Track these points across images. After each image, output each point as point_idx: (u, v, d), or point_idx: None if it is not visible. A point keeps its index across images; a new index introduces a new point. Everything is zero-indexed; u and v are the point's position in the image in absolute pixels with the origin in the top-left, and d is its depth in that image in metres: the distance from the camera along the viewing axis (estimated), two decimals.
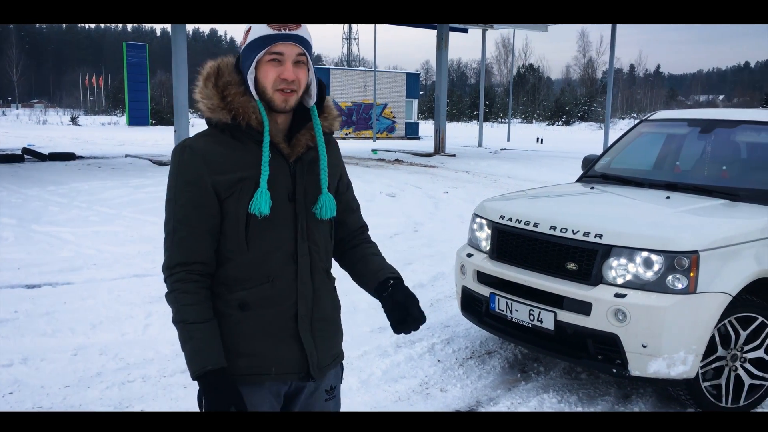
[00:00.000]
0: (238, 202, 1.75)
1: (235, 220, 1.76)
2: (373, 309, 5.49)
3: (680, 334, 3.41)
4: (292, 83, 1.75)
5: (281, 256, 1.79)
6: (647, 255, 3.50)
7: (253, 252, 1.77)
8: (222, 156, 1.75)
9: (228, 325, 1.78)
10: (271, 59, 1.74)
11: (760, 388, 3.75)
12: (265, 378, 1.80)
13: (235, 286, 1.78)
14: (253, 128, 1.76)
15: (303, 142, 1.83)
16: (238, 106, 1.75)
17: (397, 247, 8.00)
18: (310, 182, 1.85)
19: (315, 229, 1.85)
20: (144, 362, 4.15)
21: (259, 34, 1.74)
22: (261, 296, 1.78)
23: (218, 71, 1.82)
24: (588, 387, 4.07)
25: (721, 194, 4.19)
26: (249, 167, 1.75)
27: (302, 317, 1.82)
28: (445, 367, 4.30)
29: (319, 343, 1.87)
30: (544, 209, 4.18)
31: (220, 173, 1.74)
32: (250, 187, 1.74)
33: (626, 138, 5.32)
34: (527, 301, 3.85)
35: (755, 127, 4.65)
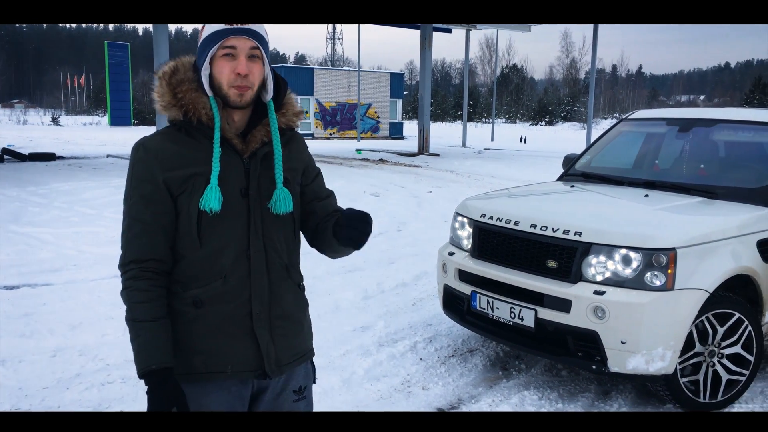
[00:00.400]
0: (190, 199, 1.75)
1: (187, 217, 1.75)
2: (355, 308, 5.50)
3: (658, 331, 3.44)
4: (246, 78, 1.75)
5: (233, 253, 1.78)
6: (626, 252, 3.53)
7: (205, 249, 1.76)
8: (174, 153, 1.76)
9: (183, 322, 1.77)
10: (224, 54, 1.74)
11: (737, 383, 3.79)
12: (221, 376, 1.79)
13: (189, 284, 1.77)
14: (204, 124, 1.76)
15: (258, 137, 1.83)
16: (189, 102, 1.76)
17: (381, 246, 8.00)
18: (265, 177, 1.83)
19: (271, 225, 1.83)
20: (124, 363, 4.12)
21: (212, 30, 1.76)
22: (214, 293, 1.77)
23: (174, 70, 1.82)
24: (568, 384, 4.09)
25: (699, 192, 4.24)
26: (201, 164, 1.75)
27: (257, 314, 1.80)
28: (427, 366, 4.31)
29: (278, 341, 1.85)
30: (524, 207, 4.20)
31: (171, 170, 1.74)
32: (201, 184, 1.74)
33: (606, 137, 5.36)
34: (508, 299, 3.87)
35: (732, 125, 4.71)
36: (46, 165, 15.97)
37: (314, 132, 38.65)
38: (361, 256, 7.40)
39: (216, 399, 1.80)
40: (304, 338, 1.97)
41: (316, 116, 38.85)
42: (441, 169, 17.93)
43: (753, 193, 4.11)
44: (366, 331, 4.92)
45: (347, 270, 6.77)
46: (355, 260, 7.17)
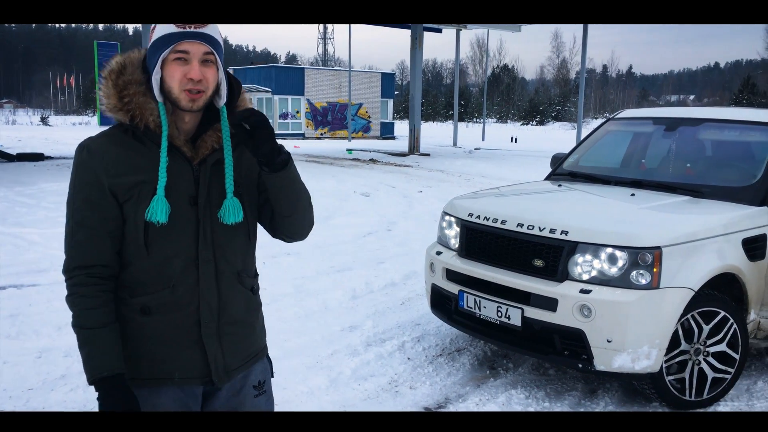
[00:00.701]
0: (136, 207, 1.69)
1: (133, 226, 1.70)
2: (344, 308, 5.49)
3: (644, 329, 3.46)
4: (199, 83, 1.68)
5: (182, 262, 1.74)
6: (612, 251, 3.54)
7: (153, 257, 1.72)
8: (120, 157, 1.69)
9: (131, 329, 1.74)
10: (176, 58, 1.67)
11: (723, 381, 3.81)
12: (168, 382, 1.77)
13: (137, 291, 1.74)
14: (151, 130, 1.70)
15: (209, 143, 1.77)
16: (136, 107, 1.69)
17: (370, 246, 8.00)
18: (215, 185, 1.77)
19: (222, 232, 1.79)
20: None
21: (163, 32, 1.68)
22: (162, 302, 1.74)
23: (122, 68, 1.74)
24: (555, 383, 4.10)
25: (685, 191, 4.26)
26: (147, 171, 1.69)
27: (206, 323, 1.78)
28: (414, 365, 4.31)
29: (228, 347, 1.83)
30: (511, 207, 4.21)
31: (116, 176, 1.68)
32: (148, 192, 1.68)
33: (594, 136, 5.38)
34: (495, 298, 3.88)
35: (718, 125, 4.73)
36: (35, 165, 15.87)
37: (305, 132, 38.63)
38: (350, 256, 7.40)
39: (169, 397, 1.78)
40: (256, 339, 1.95)
41: (307, 116, 38.83)
42: (431, 168, 17.95)
43: (738, 191, 4.13)
44: (354, 330, 4.92)
45: (336, 270, 6.76)
46: (344, 260, 7.17)
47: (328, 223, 9.45)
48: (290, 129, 38.06)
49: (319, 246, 7.85)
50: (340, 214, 10.19)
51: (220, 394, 1.88)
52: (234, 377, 1.87)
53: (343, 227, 9.07)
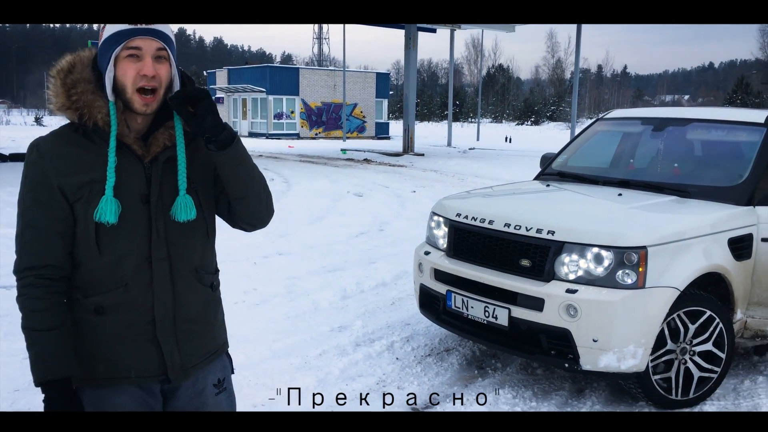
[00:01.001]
0: (87, 207, 1.68)
1: (84, 226, 1.69)
2: (334, 308, 5.49)
3: (629, 329, 3.47)
4: (153, 79, 1.68)
5: (134, 261, 1.73)
6: (598, 251, 3.55)
7: (105, 257, 1.70)
8: (70, 157, 1.68)
9: (85, 329, 1.73)
10: (129, 54, 1.67)
11: (709, 380, 3.83)
12: (125, 381, 1.77)
13: (90, 291, 1.72)
14: (100, 128, 1.69)
15: (161, 141, 1.75)
16: (84, 105, 1.68)
17: (362, 246, 8.01)
18: (168, 183, 1.76)
19: (177, 230, 1.77)
20: None
21: (115, 29, 1.67)
22: (116, 301, 1.72)
23: (72, 66, 1.73)
24: (543, 382, 4.11)
25: (672, 191, 4.27)
26: (98, 170, 1.68)
27: (161, 321, 1.77)
28: (403, 365, 4.32)
29: (185, 345, 1.82)
30: (499, 207, 4.22)
31: (66, 175, 1.67)
32: (98, 191, 1.67)
33: (583, 136, 5.39)
34: (482, 298, 3.88)
35: (705, 125, 4.75)
36: None
37: (300, 132, 38.62)
38: (342, 256, 7.40)
39: (129, 396, 1.78)
40: (215, 336, 1.94)
41: (301, 116, 38.83)
42: (425, 168, 17.97)
43: (725, 191, 4.15)
44: (343, 331, 4.92)
45: (328, 270, 6.77)
46: (335, 260, 7.18)
47: (321, 223, 9.46)
48: (285, 129, 38.04)
49: (311, 246, 7.86)
50: (332, 214, 10.19)
51: (180, 393, 1.87)
52: (192, 375, 1.86)
53: (336, 227, 9.07)
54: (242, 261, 6.89)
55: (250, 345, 4.51)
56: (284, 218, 9.65)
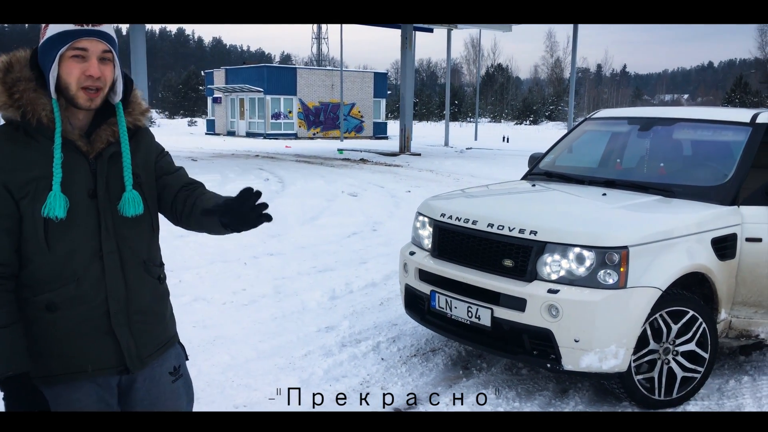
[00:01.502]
0: (33, 204, 1.70)
1: (32, 223, 1.70)
2: (322, 309, 5.49)
3: (611, 329, 3.46)
4: (98, 80, 1.72)
5: (85, 255, 1.76)
6: (579, 251, 3.54)
7: (54, 253, 1.72)
8: (13, 154, 1.70)
9: (37, 327, 1.74)
10: (74, 55, 1.70)
11: (692, 380, 3.82)
12: (81, 376, 1.79)
13: (40, 288, 1.74)
14: (44, 125, 1.71)
15: (104, 137, 1.80)
16: (27, 103, 1.70)
17: (354, 246, 8.00)
18: (114, 177, 1.81)
19: (124, 223, 1.82)
20: None
21: (60, 29, 1.70)
22: (68, 296, 1.74)
23: (9, 66, 1.74)
24: (527, 382, 4.11)
25: (657, 191, 4.26)
26: (42, 166, 1.70)
27: (115, 313, 1.80)
28: (388, 366, 4.31)
29: (139, 336, 1.86)
30: (483, 207, 4.21)
31: (10, 172, 1.69)
32: (45, 188, 1.69)
33: (570, 136, 5.39)
34: (466, 299, 3.88)
35: (691, 124, 4.74)
36: None
37: (297, 132, 38.60)
38: (333, 256, 7.40)
39: (85, 392, 1.80)
40: (166, 327, 2.00)
41: (299, 116, 38.81)
42: (421, 168, 17.96)
43: (709, 191, 4.14)
44: (330, 331, 4.91)
45: (318, 270, 6.76)
46: (326, 260, 7.17)
47: (314, 223, 9.45)
48: (282, 129, 38.03)
49: (303, 246, 7.85)
50: (326, 214, 10.18)
51: (138, 384, 1.91)
52: (148, 365, 1.91)
53: (329, 227, 9.07)
54: (233, 261, 6.88)
55: (236, 345, 4.51)
56: (277, 219, 9.62)
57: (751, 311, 4.12)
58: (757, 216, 4.04)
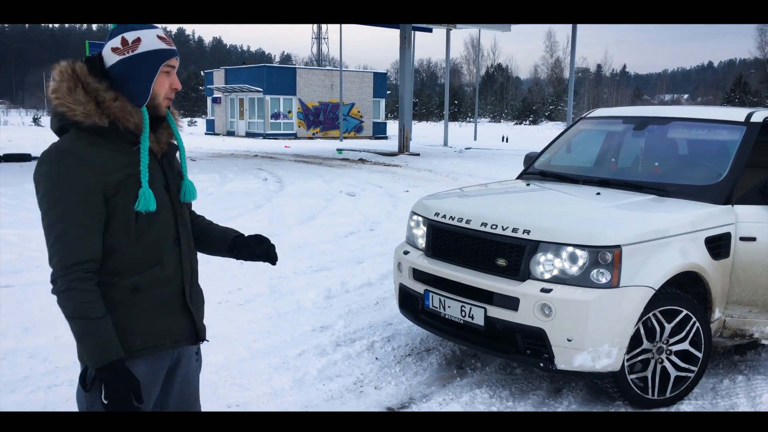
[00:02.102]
0: (125, 200, 1.90)
1: (123, 217, 1.90)
2: (317, 308, 5.48)
3: (604, 328, 3.45)
4: (176, 92, 2.03)
5: (168, 243, 2.01)
6: (572, 250, 3.54)
7: (141, 242, 1.94)
8: (104, 158, 1.88)
9: (122, 309, 1.92)
10: (165, 71, 1.97)
11: (686, 380, 3.81)
12: (160, 349, 2.00)
13: (126, 273, 1.93)
14: (130, 132, 1.92)
15: (164, 139, 2.05)
16: (116, 111, 1.89)
17: (351, 246, 7.99)
18: (172, 173, 2.08)
19: (185, 213, 2.11)
20: (74, 366, 4.06)
21: (156, 46, 1.94)
22: (152, 279, 1.97)
23: (80, 77, 1.90)
24: (521, 382, 4.10)
25: (651, 190, 4.26)
26: (128, 166, 1.91)
27: (188, 293, 2.08)
28: (382, 365, 4.30)
29: (197, 312, 2.13)
30: (476, 206, 4.20)
31: (106, 174, 1.86)
32: (132, 185, 1.91)
33: (566, 135, 5.38)
34: (459, 298, 3.87)
35: (686, 123, 4.73)
36: (21, 166, 15.80)
37: (297, 132, 38.57)
38: (330, 256, 7.39)
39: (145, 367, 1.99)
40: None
41: (299, 116, 38.79)
42: (420, 168, 17.95)
43: (704, 190, 4.13)
44: (325, 331, 4.91)
45: (314, 270, 6.76)
46: (323, 260, 7.16)
47: (311, 223, 9.44)
48: (282, 129, 38.01)
49: (300, 246, 7.84)
50: (323, 214, 10.18)
51: (182, 362, 2.15)
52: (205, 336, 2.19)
53: (326, 227, 9.06)
54: (228, 261, 6.82)
55: (230, 345, 4.50)
56: (274, 218, 9.63)
57: (746, 310, 4.12)
58: (752, 215, 4.03)
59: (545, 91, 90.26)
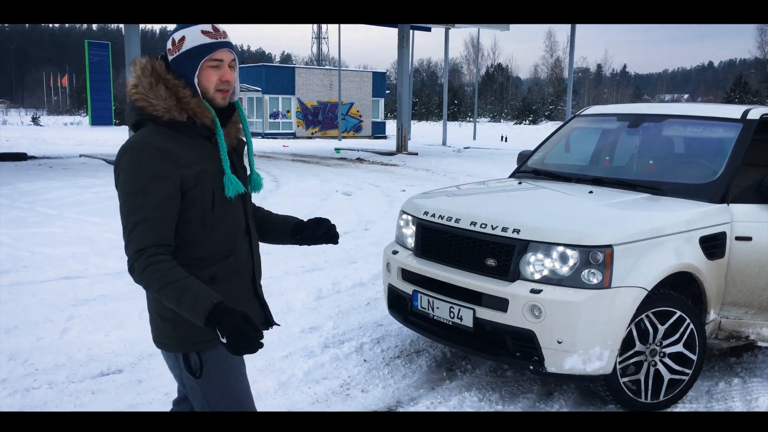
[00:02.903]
0: (202, 191, 1.98)
1: (200, 207, 1.98)
2: (307, 309, 5.39)
3: (595, 330, 3.36)
4: (229, 84, 2.03)
5: (239, 233, 2.10)
6: (563, 250, 3.45)
7: (217, 232, 2.03)
8: (181, 151, 1.95)
9: None
10: (211, 65, 1.99)
11: (680, 383, 3.72)
12: None
13: (204, 263, 2.01)
14: (206, 127, 2.01)
15: (232, 134, 2.13)
16: (195, 107, 1.98)
17: (345, 245, 7.90)
18: (242, 166, 2.17)
19: (251, 205, 2.22)
20: (54, 368, 3.99)
21: (197, 42, 1.97)
22: (227, 269, 2.06)
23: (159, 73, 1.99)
24: (512, 384, 4.01)
25: (645, 188, 4.16)
26: (205, 159, 2.00)
27: (257, 281, 2.20)
28: (370, 367, 4.21)
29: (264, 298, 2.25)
30: (466, 205, 4.11)
31: (184, 167, 1.94)
32: (208, 177, 1.99)
33: (560, 133, 5.29)
34: (448, 299, 3.78)
35: (681, 121, 4.64)
36: (16, 165, 15.71)
37: (296, 131, 38.48)
38: (323, 256, 7.30)
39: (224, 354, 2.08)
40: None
41: (297, 115, 38.68)
42: (417, 168, 17.86)
43: (698, 188, 4.04)
44: (314, 332, 4.82)
45: (306, 270, 6.67)
46: (316, 260, 7.07)
47: None
48: (281, 128, 37.91)
49: (293, 246, 7.74)
50: (319, 213, 10.08)
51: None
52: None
53: None
54: None
55: None
56: None
57: (741, 312, 4.03)
58: (748, 214, 3.94)
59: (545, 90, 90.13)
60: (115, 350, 4.31)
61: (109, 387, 3.79)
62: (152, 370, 4.01)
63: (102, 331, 4.63)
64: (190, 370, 2.04)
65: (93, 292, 5.54)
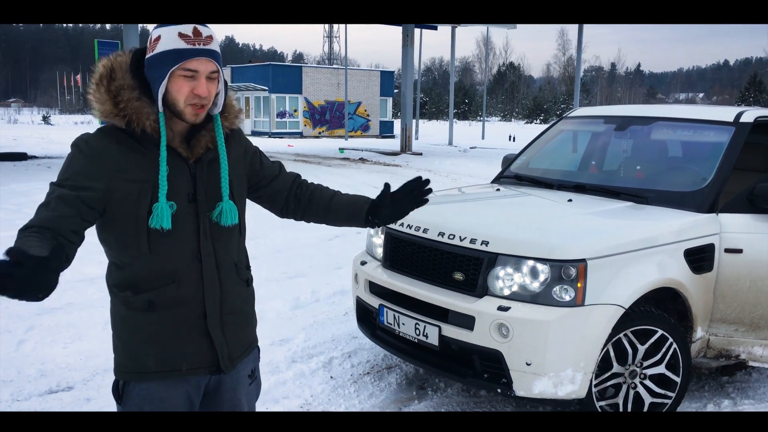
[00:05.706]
0: (137, 206, 1.73)
1: (134, 227, 1.74)
2: (281, 319, 5.17)
3: (566, 351, 3.11)
4: (204, 99, 1.74)
5: (185, 257, 1.80)
6: (533, 264, 3.20)
7: (155, 255, 1.77)
8: (120, 156, 1.74)
9: (136, 325, 1.80)
10: (184, 75, 1.72)
11: (663, 406, 3.46)
12: (175, 374, 1.83)
13: (140, 287, 1.78)
14: (148, 134, 1.74)
15: (203, 143, 1.83)
16: (132, 112, 1.73)
17: (333, 250, 7.68)
18: (211, 183, 1.84)
19: (217, 226, 1.84)
20: (1, 384, 3.79)
21: (171, 46, 1.71)
22: (167, 297, 1.79)
23: (111, 72, 1.77)
24: (484, 405, 3.76)
25: (629, 196, 3.90)
26: (147, 169, 1.74)
27: (210, 314, 1.85)
28: (335, 385, 3.98)
29: (230, 337, 1.90)
30: (436, 214, 3.85)
31: (116, 172, 1.72)
32: (148, 191, 1.74)
33: (545, 136, 5.03)
34: (414, 314, 3.54)
35: (670, 124, 4.36)
36: (14, 165, 15.61)
37: (303, 131, 38.32)
38: (308, 261, 7.07)
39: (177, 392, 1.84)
40: (252, 328, 2.04)
41: (305, 115, 38.52)
42: (420, 168, 17.60)
43: (685, 197, 3.78)
44: (283, 345, 4.59)
45: (288, 276, 6.45)
46: (300, 265, 6.85)
47: (296, 225, 9.02)
48: (288, 128, 37.74)
49: (280, 250, 7.54)
50: None
51: (225, 386, 1.94)
52: (237, 365, 1.94)
53: (310, 230, 8.72)
54: None
55: None
56: (258, 221, 9.29)
57: (731, 329, 3.75)
58: (738, 225, 3.67)
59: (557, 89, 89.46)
60: (70, 365, 4.11)
61: (54, 406, 3.58)
62: (104, 387, 3.80)
63: (60, 343, 4.43)
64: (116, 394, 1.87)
65: (61, 300, 5.35)
